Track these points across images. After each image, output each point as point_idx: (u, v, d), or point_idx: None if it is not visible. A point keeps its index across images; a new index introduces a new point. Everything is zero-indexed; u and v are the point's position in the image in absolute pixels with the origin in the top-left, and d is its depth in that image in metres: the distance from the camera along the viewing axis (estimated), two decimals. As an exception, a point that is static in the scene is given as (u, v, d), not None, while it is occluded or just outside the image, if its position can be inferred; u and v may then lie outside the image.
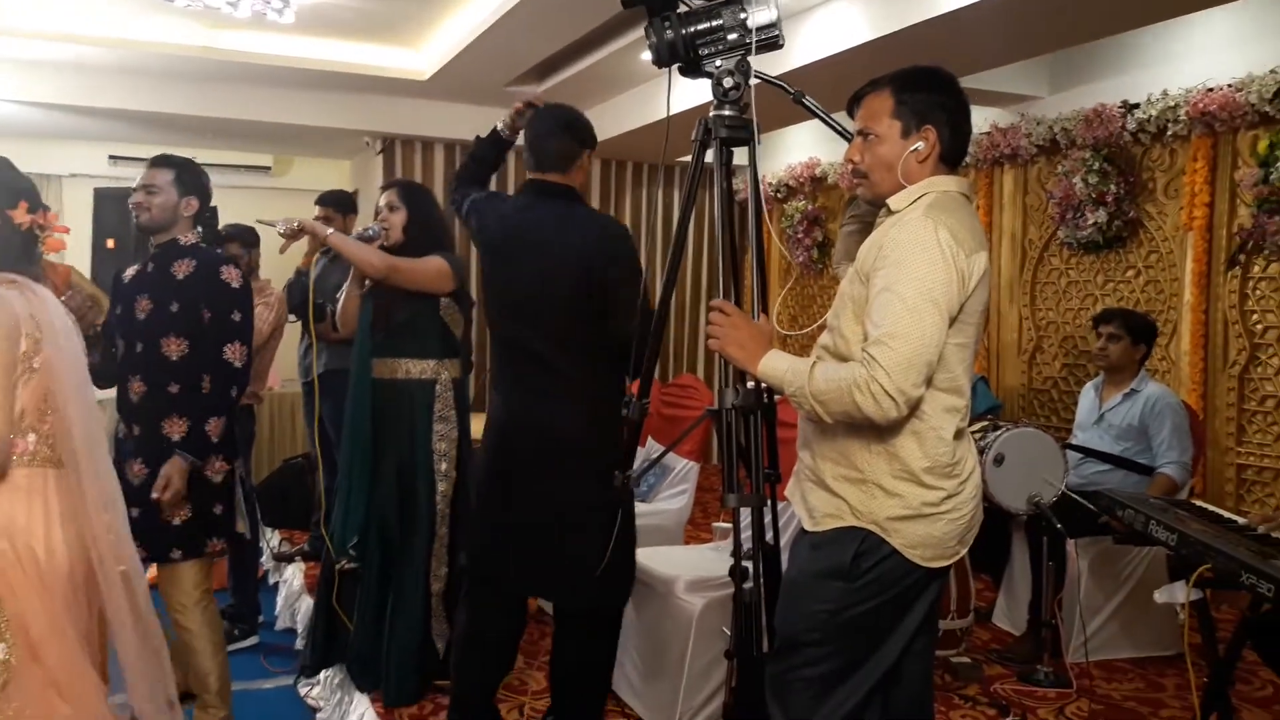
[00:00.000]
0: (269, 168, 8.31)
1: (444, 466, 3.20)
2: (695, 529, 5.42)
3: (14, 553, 2.02)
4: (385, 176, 6.84)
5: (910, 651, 2.00)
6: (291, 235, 3.25)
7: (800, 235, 7.06)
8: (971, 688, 3.52)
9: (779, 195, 7.37)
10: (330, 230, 3.24)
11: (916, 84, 1.96)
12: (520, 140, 2.84)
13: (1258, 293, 4.41)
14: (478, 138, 2.99)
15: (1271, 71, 4.19)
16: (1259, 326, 4.41)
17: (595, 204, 7.56)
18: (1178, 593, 2.58)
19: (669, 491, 4.37)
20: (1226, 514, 2.85)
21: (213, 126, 6.65)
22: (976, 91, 5.13)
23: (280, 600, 4.45)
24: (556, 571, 2.64)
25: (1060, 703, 3.43)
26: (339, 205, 4.85)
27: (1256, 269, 4.41)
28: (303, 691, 3.44)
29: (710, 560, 3.36)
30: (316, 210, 4.78)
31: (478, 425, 3.12)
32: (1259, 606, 2.60)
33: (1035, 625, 3.74)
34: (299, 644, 3.91)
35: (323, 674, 3.41)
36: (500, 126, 2.93)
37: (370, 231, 3.27)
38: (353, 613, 3.25)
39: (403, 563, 3.19)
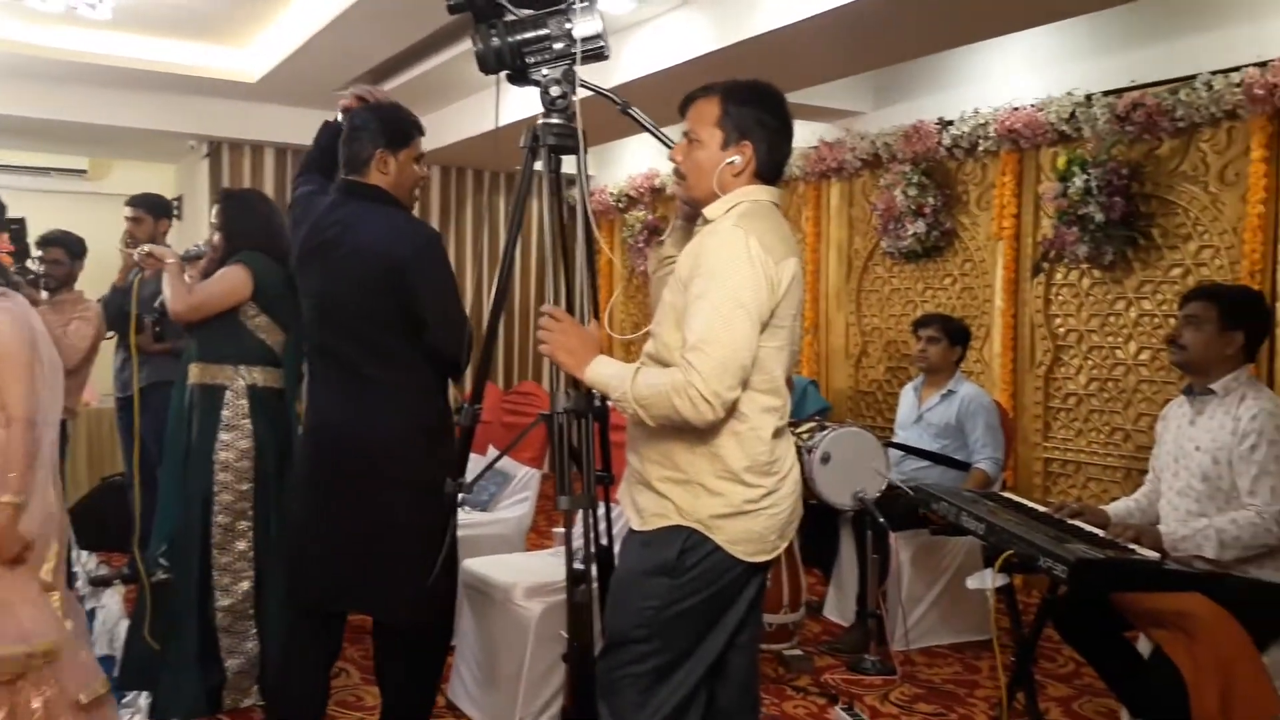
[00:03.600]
0: (84, 171, 7.86)
1: (226, 477, 3.11)
2: (540, 537, 5.42)
3: None
4: (212, 181, 6.58)
5: (735, 645, 2.07)
6: (143, 259, 3.31)
7: (641, 245, 7.16)
8: (803, 679, 3.66)
9: (620, 205, 7.47)
10: (173, 259, 3.21)
11: (744, 98, 2.02)
12: None
13: (1060, 298, 4.75)
14: (325, 122, 2.84)
15: (1068, 93, 4.53)
16: (1061, 330, 4.75)
17: (435, 211, 7.49)
18: (986, 579, 2.76)
19: (510, 500, 4.36)
20: (1030, 504, 3.07)
21: (22, 126, 6.25)
22: (804, 107, 5.34)
23: (98, 626, 4.21)
24: (380, 585, 2.56)
25: (885, 689, 3.60)
26: (151, 208, 4.66)
27: (1059, 276, 4.74)
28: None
29: (550, 565, 3.37)
30: (127, 211, 4.60)
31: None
32: (1057, 588, 2.80)
33: (862, 616, 3.92)
34: (116, 671, 3.71)
35: (143, 700, 3.25)
36: (334, 119, 2.77)
37: (193, 251, 3.35)
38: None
39: (176, 575, 3.12)
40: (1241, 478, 2.70)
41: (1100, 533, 2.76)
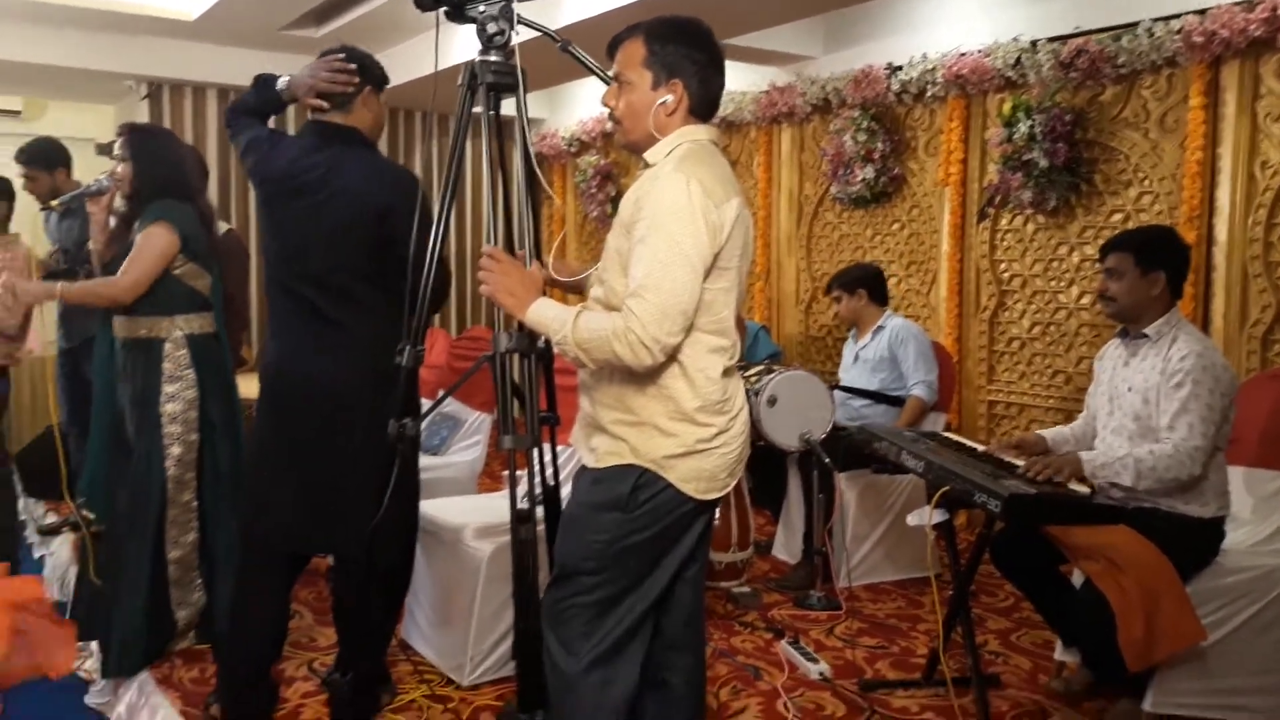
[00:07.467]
0: (19, 112, 7.61)
1: (176, 429, 3.03)
2: (493, 481, 5.45)
3: None
4: (153, 123, 6.41)
5: (682, 578, 2.12)
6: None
7: (594, 190, 7.13)
8: (751, 614, 3.74)
9: (572, 149, 7.41)
10: (59, 284, 3.12)
11: (667, 35, 2.00)
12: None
13: (1004, 243, 4.82)
14: (256, 78, 2.78)
15: (1014, 39, 4.55)
16: (1006, 274, 4.82)
17: (384, 153, 7.36)
18: (925, 515, 2.83)
19: (461, 444, 4.38)
20: (969, 443, 3.14)
21: (-50, 65, 6.03)
22: (755, 50, 5.32)
23: (48, 571, 4.20)
24: (333, 524, 2.60)
25: (830, 623, 3.70)
26: (42, 161, 4.47)
27: (1004, 222, 4.80)
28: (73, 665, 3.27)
29: (500, 507, 3.36)
30: (18, 169, 4.45)
31: (251, 384, 3.02)
32: (993, 523, 2.88)
33: (808, 554, 4.00)
34: (67, 615, 3.71)
35: (93, 645, 3.25)
36: (282, 85, 2.67)
37: (95, 186, 3.22)
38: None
39: (128, 531, 3.06)
40: (1164, 414, 2.78)
41: (1036, 470, 2.83)
